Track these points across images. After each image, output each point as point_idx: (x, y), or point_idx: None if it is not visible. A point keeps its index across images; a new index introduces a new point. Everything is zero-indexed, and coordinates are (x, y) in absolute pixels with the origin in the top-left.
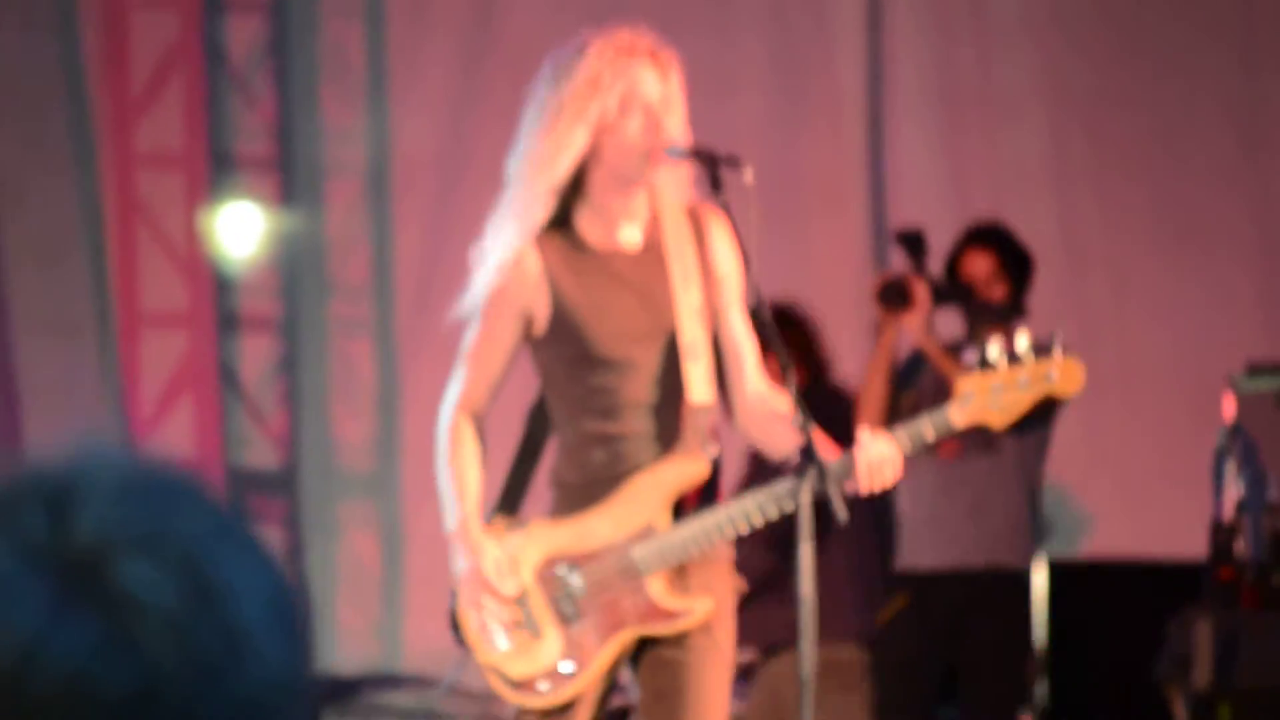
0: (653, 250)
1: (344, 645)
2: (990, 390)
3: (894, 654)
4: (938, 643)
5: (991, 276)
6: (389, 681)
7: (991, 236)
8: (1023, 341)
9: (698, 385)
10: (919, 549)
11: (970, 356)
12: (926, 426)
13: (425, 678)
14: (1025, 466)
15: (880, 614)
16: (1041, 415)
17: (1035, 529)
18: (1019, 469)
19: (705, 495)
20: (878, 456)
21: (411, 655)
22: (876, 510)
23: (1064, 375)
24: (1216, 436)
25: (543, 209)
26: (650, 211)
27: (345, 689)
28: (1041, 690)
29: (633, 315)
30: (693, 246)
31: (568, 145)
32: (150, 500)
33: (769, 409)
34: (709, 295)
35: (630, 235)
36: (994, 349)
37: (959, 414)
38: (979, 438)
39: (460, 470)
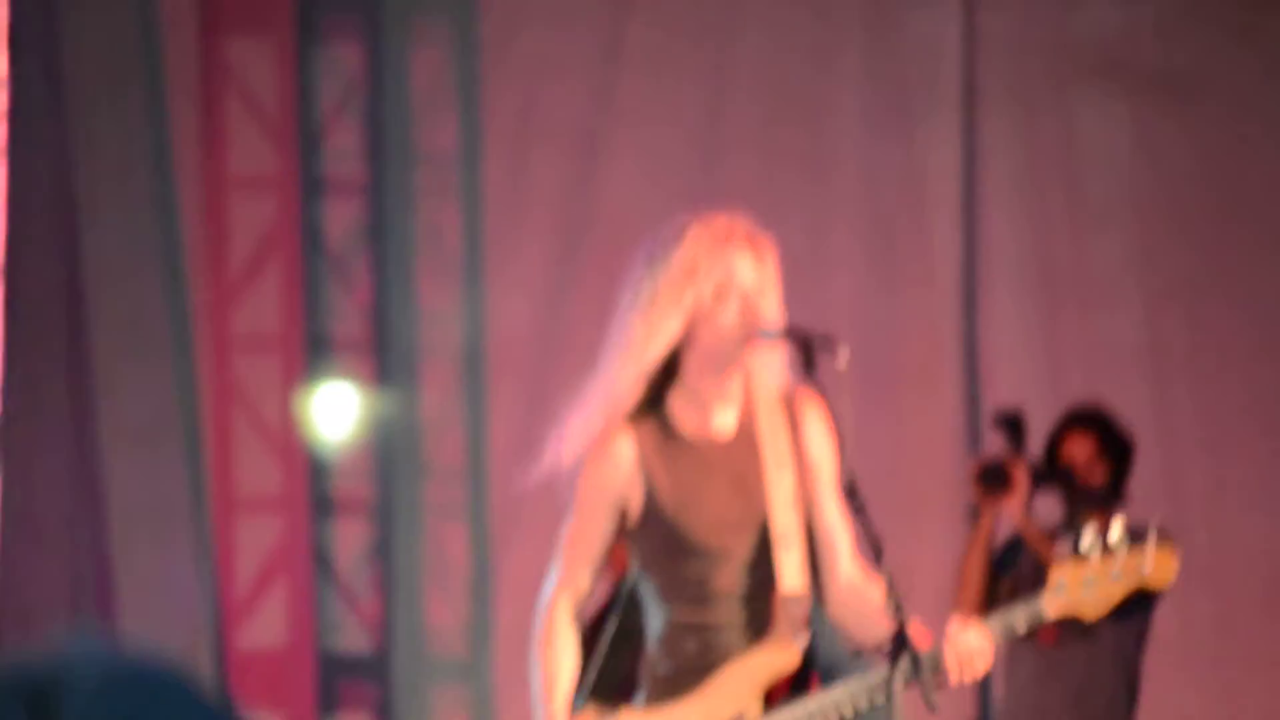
0: (746, 436)
1: None
2: (1083, 582)
3: None
4: None
5: (1092, 460)
6: None
7: (1093, 420)
8: (1116, 531)
9: (790, 574)
10: None
11: (1064, 546)
12: (1019, 617)
13: None
14: (1124, 654)
15: None
16: (1141, 603)
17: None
18: (1118, 657)
19: (797, 684)
20: (967, 648)
21: None
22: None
23: (1158, 567)
24: None
25: (630, 394)
26: (745, 395)
27: None
28: None
29: (726, 505)
30: (787, 432)
31: (661, 332)
32: (131, 698)
33: (862, 598)
34: (803, 482)
35: (724, 420)
36: (1088, 538)
37: (1051, 605)
38: (1077, 625)
39: (553, 665)
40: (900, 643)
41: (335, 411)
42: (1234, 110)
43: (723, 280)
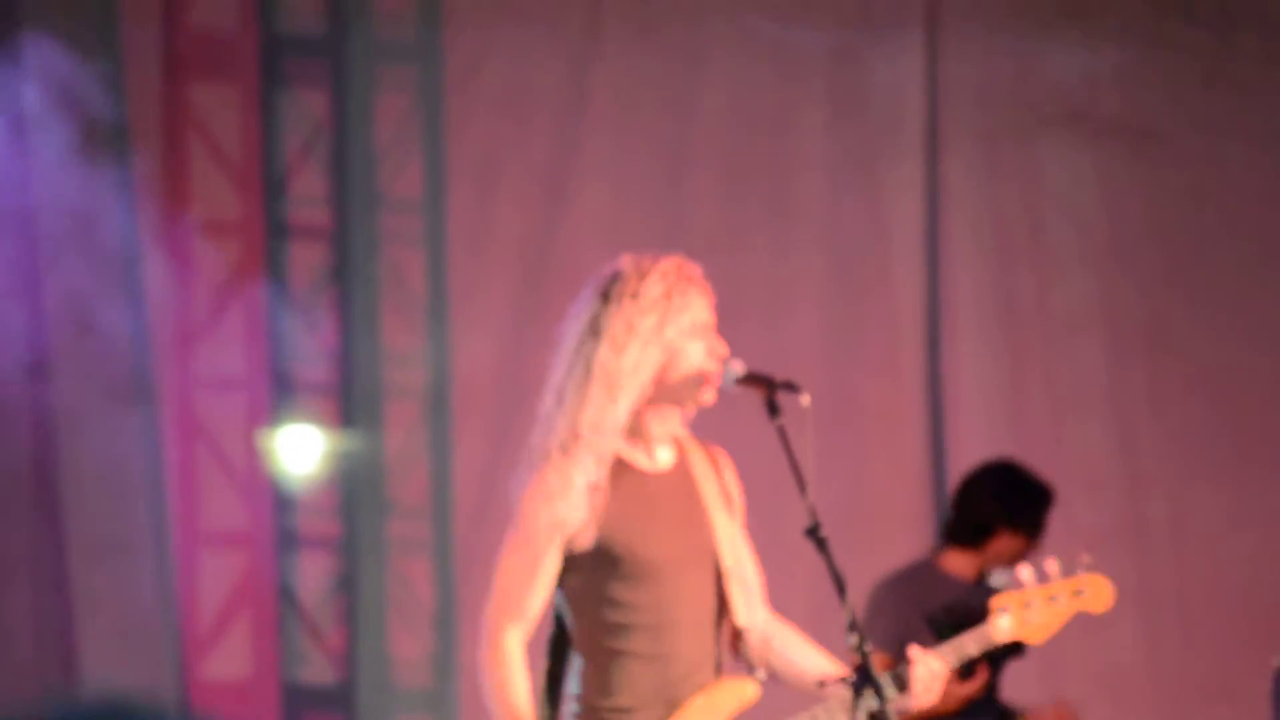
0: (684, 473)
1: None
2: (1026, 608)
3: None
4: None
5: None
6: None
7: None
8: (1053, 565)
9: (741, 609)
10: None
11: (1000, 578)
12: (969, 643)
13: None
14: None
15: None
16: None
17: None
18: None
19: None
20: (928, 673)
21: None
22: None
23: (1093, 591)
24: (1276, 658)
25: (614, 429)
26: (675, 438)
27: None
28: None
29: (678, 535)
30: (713, 475)
31: (643, 367)
32: None
33: (780, 642)
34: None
35: (665, 457)
36: (1024, 571)
37: (998, 631)
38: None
39: (518, 697)
40: (865, 674)
41: (300, 449)
42: (1193, 159)
43: (694, 319)
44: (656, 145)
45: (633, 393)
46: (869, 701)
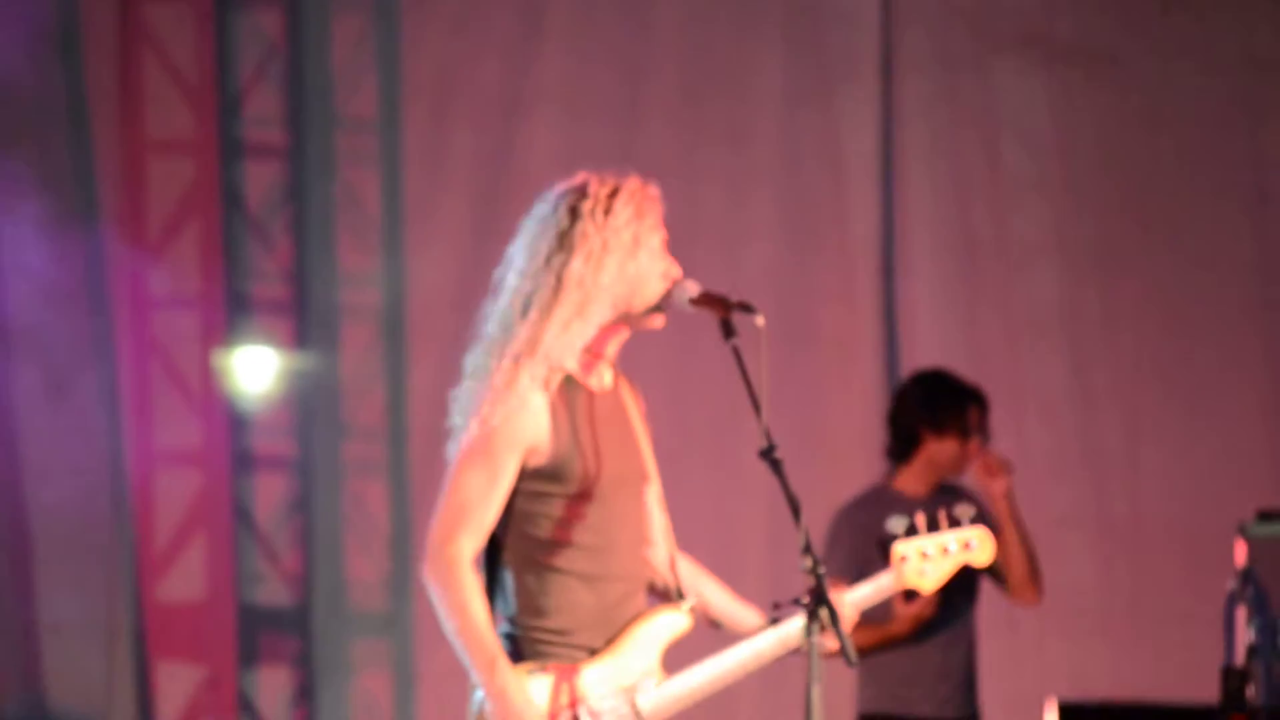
0: (620, 396)
1: None
2: (921, 557)
3: None
4: None
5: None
6: None
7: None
8: (944, 516)
9: (660, 533)
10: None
11: (897, 525)
12: (868, 590)
13: None
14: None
15: None
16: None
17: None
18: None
19: None
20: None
21: None
22: None
23: (980, 545)
24: (1228, 582)
25: (581, 346)
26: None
27: None
28: None
29: (619, 456)
30: (636, 404)
31: (619, 284)
32: None
33: (681, 567)
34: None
35: (607, 377)
36: (920, 521)
37: (896, 579)
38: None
39: (477, 613)
40: (819, 597)
41: (256, 369)
42: (1148, 84)
43: (651, 229)
44: (612, 66)
45: (605, 309)
46: (818, 624)
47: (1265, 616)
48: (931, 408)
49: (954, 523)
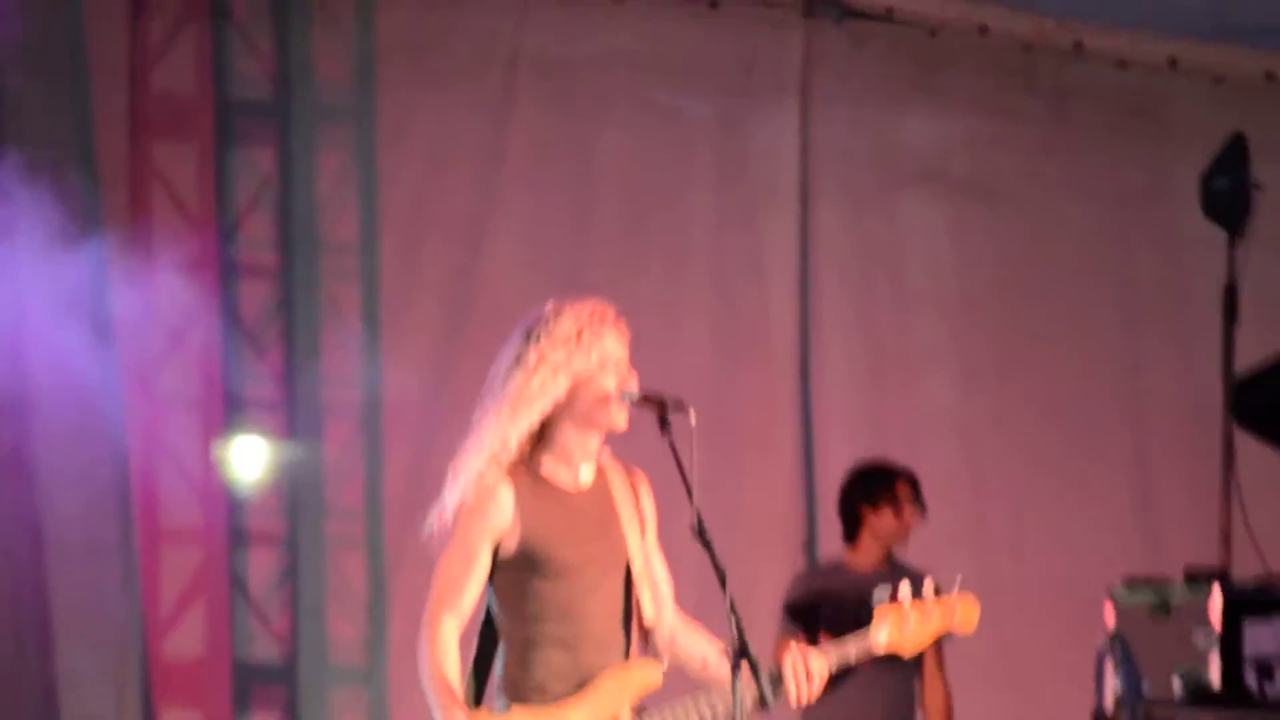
0: (602, 489)
1: None
2: (903, 624)
3: None
4: None
5: (913, 506)
6: None
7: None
8: (929, 586)
9: (648, 607)
10: None
11: (882, 593)
12: (852, 650)
13: None
14: (912, 675)
15: None
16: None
17: None
18: (912, 675)
19: None
20: (807, 669)
21: None
22: None
23: (963, 614)
24: (1098, 640)
25: (515, 441)
26: (596, 461)
27: None
28: None
29: (589, 542)
30: (630, 494)
31: (548, 389)
32: None
33: (687, 634)
34: (641, 538)
35: (586, 475)
36: (905, 589)
37: (878, 644)
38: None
39: (448, 673)
40: (742, 651)
41: (250, 459)
42: (1031, 213)
43: (604, 353)
44: (565, 196)
45: (533, 412)
46: (745, 678)
47: (1130, 669)
48: (865, 486)
49: (939, 592)
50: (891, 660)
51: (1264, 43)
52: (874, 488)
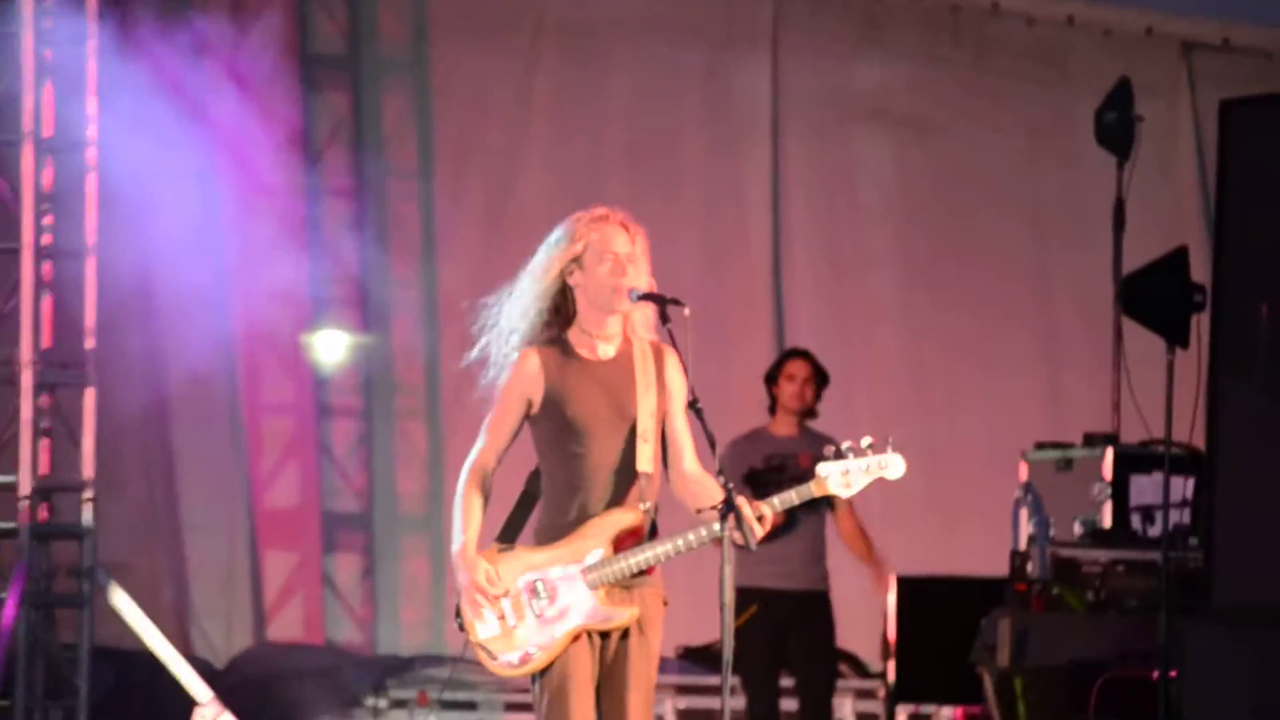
0: (622, 362)
1: (404, 634)
2: (840, 473)
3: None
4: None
5: (807, 380)
6: (434, 660)
7: (806, 354)
8: (865, 441)
9: (643, 459)
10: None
11: (827, 449)
12: (793, 495)
13: (461, 659)
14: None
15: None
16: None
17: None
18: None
19: (650, 534)
20: (754, 513)
21: (452, 642)
22: None
23: (893, 465)
24: (1015, 491)
25: (535, 319)
26: (624, 338)
27: (403, 665)
28: (890, 671)
29: (602, 403)
30: (653, 367)
31: (546, 273)
32: None
33: (699, 483)
34: (661, 403)
35: (606, 350)
36: (845, 444)
37: (817, 488)
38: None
39: (468, 511)
40: (729, 503)
41: (334, 346)
42: (959, 143)
43: (599, 244)
44: (582, 132)
45: (541, 285)
46: (730, 523)
47: (1040, 515)
48: (772, 367)
49: (879, 447)
50: (809, 505)
51: (1144, 3)
52: (775, 367)
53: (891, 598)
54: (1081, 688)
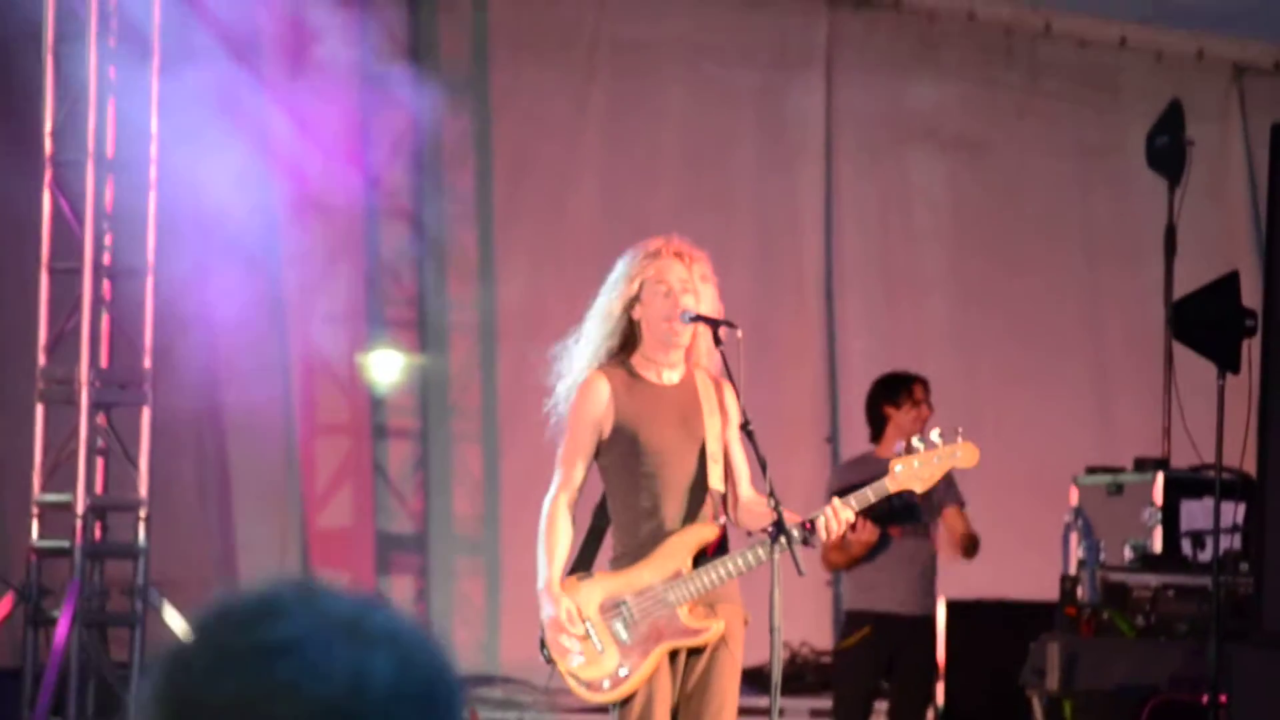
0: (687, 388)
1: (458, 655)
2: (913, 466)
3: (851, 663)
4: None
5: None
6: (485, 680)
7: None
8: (935, 433)
9: (715, 478)
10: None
11: (899, 445)
12: (868, 493)
13: (513, 679)
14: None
15: (848, 640)
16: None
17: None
18: (932, 547)
19: (719, 549)
20: (832, 511)
21: (506, 662)
22: None
23: (965, 454)
24: (1065, 516)
25: (601, 351)
26: (686, 367)
27: None
28: (939, 694)
29: (674, 427)
30: (714, 394)
31: (610, 315)
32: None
33: (755, 506)
34: (723, 428)
35: (670, 377)
36: (915, 439)
37: (892, 483)
38: (918, 525)
39: (552, 546)
40: (779, 525)
41: (389, 368)
42: (1010, 164)
43: (654, 278)
44: (636, 150)
45: (606, 326)
46: (780, 545)
47: (1090, 540)
48: (889, 389)
49: (948, 439)
50: (920, 531)
51: (1196, 25)
52: (896, 389)
53: (941, 621)
54: (1130, 712)
